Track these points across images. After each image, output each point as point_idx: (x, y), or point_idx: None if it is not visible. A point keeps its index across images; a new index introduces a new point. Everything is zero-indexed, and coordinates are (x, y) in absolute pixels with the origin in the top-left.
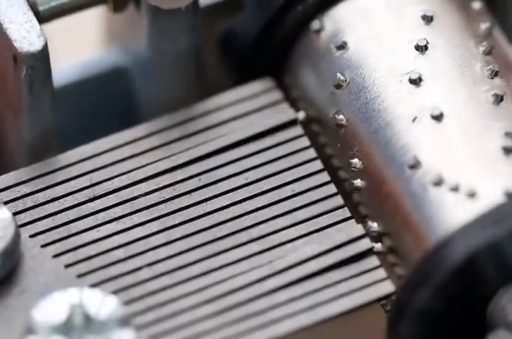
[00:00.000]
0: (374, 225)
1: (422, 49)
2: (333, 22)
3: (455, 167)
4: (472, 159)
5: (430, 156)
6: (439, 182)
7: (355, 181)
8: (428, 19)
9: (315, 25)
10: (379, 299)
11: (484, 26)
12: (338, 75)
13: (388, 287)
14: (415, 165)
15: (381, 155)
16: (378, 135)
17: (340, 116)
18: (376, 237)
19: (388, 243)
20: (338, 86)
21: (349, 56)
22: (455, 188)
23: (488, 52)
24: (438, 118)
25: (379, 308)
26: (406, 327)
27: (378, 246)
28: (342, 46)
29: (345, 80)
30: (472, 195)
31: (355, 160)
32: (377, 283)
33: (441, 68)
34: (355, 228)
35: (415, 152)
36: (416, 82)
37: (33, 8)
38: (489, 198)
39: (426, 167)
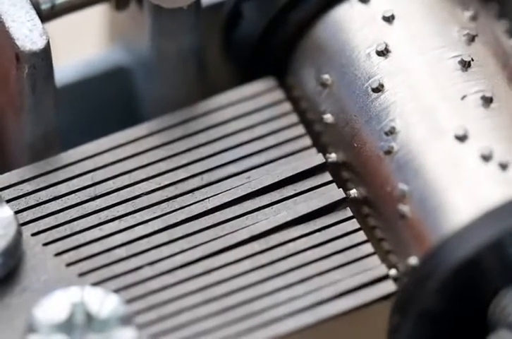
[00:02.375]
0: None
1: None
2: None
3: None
4: None
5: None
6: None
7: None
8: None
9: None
10: (380, 298)
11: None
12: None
13: (389, 286)
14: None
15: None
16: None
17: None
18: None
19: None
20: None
21: None
22: None
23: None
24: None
25: (381, 308)
26: (408, 327)
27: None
28: None
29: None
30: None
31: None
32: (379, 282)
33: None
34: (356, 229)
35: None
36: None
37: (35, 6)
38: None
39: None
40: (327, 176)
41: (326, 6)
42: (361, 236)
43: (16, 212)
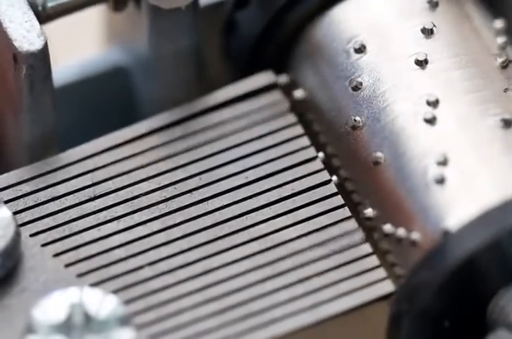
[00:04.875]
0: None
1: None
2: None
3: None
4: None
5: None
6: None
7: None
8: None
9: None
10: (379, 298)
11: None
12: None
13: (388, 286)
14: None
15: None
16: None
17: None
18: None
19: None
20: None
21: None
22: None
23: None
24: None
25: (380, 308)
26: (407, 327)
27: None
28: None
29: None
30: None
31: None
32: (377, 282)
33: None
34: (355, 229)
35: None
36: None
37: (33, 7)
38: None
39: None
40: (326, 176)
41: (324, 7)
42: (360, 236)
43: (15, 213)
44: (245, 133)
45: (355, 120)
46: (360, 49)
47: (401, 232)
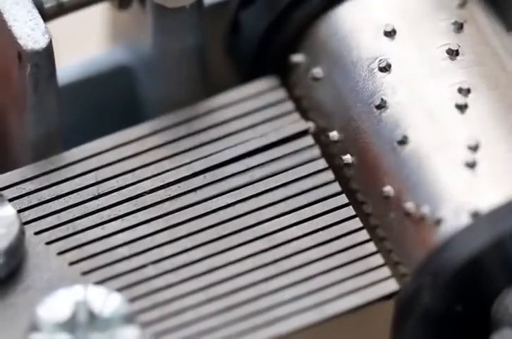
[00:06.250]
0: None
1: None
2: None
3: None
4: None
5: None
6: None
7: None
8: None
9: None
10: (383, 297)
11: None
12: None
13: (393, 285)
14: None
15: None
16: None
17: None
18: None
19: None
20: None
21: None
22: None
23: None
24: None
25: (384, 307)
26: (411, 326)
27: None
28: None
29: None
30: None
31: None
32: (382, 281)
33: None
34: (359, 228)
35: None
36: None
37: (38, 5)
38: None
39: None
40: (330, 175)
41: (328, 6)
42: (364, 235)
43: (19, 211)
44: (249, 131)
45: (382, 99)
46: (390, 33)
47: (426, 209)
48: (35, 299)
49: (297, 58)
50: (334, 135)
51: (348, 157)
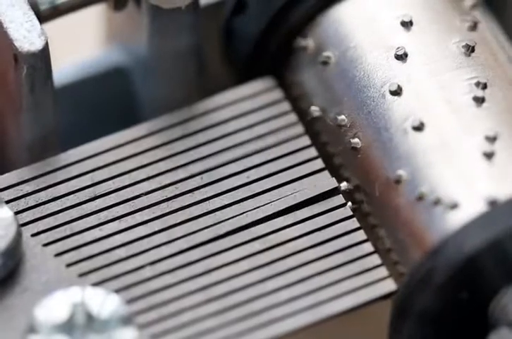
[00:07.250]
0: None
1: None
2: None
3: None
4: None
5: None
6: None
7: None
8: None
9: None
10: (381, 298)
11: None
12: None
13: (390, 286)
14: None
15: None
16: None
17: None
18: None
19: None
20: None
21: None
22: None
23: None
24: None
25: (381, 307)
26: (408, 327)
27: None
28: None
29: None
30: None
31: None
32: (379, 281)
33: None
34: (356, 229)
35: None
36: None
37: (33, 7)
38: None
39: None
40: (327, 176)
41: (326, 5)
42: (361, 235)
43: (16, 213)
44: (246, 132)
45: (398, 86)
46: (407, 23)
47: (442, 192)
48: (33, 301)
49: (305, 42)
50: (343, 119)
51: (356, 141)
